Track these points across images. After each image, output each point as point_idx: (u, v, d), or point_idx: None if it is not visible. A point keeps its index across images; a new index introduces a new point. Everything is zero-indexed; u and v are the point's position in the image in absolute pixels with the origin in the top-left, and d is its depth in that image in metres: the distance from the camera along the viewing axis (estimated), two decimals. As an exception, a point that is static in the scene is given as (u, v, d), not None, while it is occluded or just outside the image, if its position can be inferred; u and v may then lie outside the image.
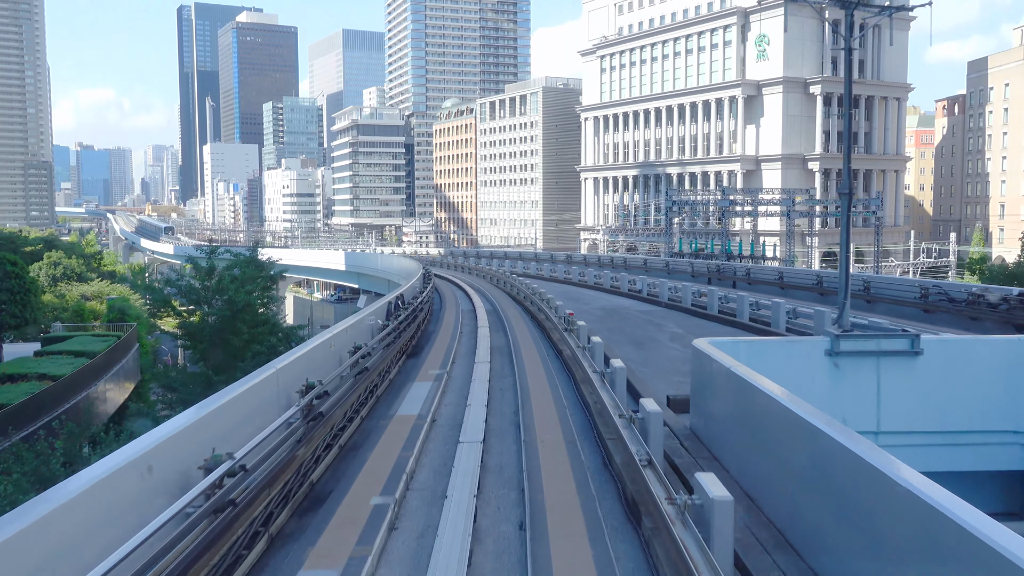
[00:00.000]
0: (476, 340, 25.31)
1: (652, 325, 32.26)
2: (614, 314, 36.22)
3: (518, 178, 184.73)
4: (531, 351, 24.27)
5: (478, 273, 62.58)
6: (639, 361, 23.04)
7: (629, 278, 46.12)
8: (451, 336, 27.98)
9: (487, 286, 49.92)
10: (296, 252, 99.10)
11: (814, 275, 43.27)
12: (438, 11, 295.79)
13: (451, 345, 25.50)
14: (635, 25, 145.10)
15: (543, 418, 15.20)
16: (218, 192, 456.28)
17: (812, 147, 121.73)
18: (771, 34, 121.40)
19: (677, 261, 58.44)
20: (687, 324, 32.23)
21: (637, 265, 63.19)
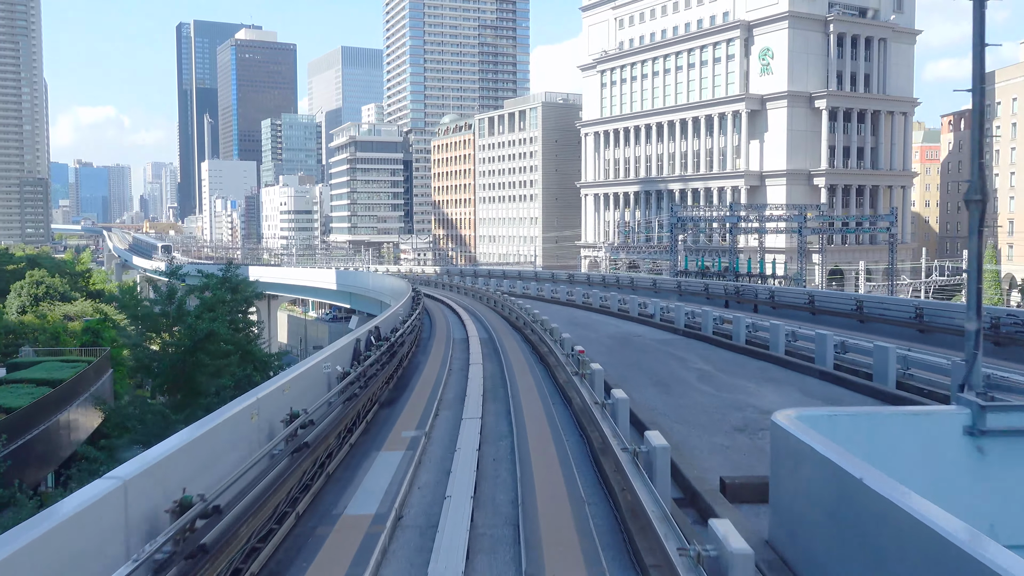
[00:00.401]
0: (467, 381, 21.68)
1: (673, 359, 28.06)
2: (626, 344, 32.43)
3: (517, 194, 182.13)
4: (533, 398, 20.29)
5: (474, 295, 59.32)
6: (668, 411, 19.25)
7: (639, 301, 42.44)
8: (438, 374, 24.23)
9: (483, 310, 46.99)
10: (286, 270, 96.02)
11: (851, 299, 37.63)
12: (436, 27, 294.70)
13: (437, 388, 21.63)
14: (636, 39, 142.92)
15: (552, 519, 10.79)
16: (216, 209, 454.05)
17: (817, 163, 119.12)
18: (775, 48, 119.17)
19: (690, 282, 54.72)
20: (713, 358, 28.18)
21: (646, 286, 59.56)
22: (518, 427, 16.73)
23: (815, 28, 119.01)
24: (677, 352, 29.57)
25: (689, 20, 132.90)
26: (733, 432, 16.88)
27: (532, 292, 60.99)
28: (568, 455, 14.34)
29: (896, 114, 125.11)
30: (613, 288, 61.59)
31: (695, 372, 24.83)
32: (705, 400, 20.54)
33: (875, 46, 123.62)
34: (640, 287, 59.97)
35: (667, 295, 52.09)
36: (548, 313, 41.30)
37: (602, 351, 29.10)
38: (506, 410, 19.00)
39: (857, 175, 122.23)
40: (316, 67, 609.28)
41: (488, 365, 25.27)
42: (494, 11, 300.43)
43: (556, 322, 34.14)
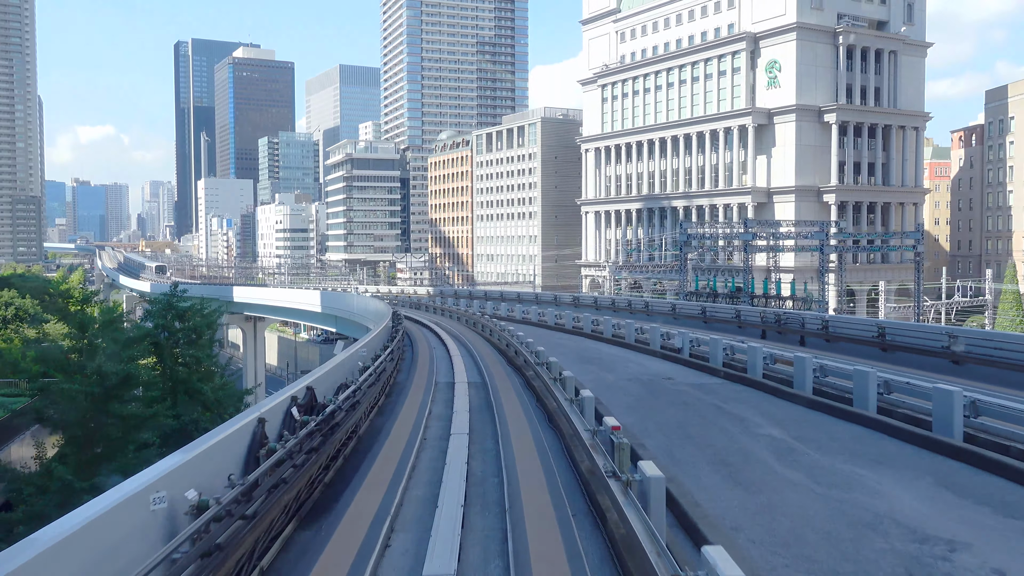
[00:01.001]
0: (444, 470, 13.87)
1: (726, 417, 20.94)
2: (657, 392, 25.39)
3: (516, 212, 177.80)
4: (545, 512, 12.67)
5: (467, 320, 53.22)
6: (756, 527, 12.17)
7: (662, 331, 35.01)
8: (403, 458, 16.43)
9: (477, 341, 41.21)
10: (269, 291, 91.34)
11: (942, 333, 27.81)
12: (434, 44, 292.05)
13: (395, 491, 13.82)
14: (638, 53, 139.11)
15: None
16: (212, 228, 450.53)
17: (827, 178, 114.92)
18: (782, 60, 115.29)
19: (718, 308, 47.19)
20: (780, 416, 20.94)
21: (663, 311, 52.63)
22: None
23: (824, 40, 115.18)
24: (727, 406, 22.60)
25: (693, 32, 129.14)
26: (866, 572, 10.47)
27: (533, 317, 55.42)
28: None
29: (908, 129, 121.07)
30: (625, 313, 55.95)
31: (765, 442, 17.94)
32: (807, 502, 13.46)
33: (885, 59, 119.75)
34: (656, 312, 53.56)
35: (688, 322, 46.45)
36: (553, 344, 36.79)
37: (628, 403, 23.00)
38: (502, 544, 11.40)
39: (868, 191, 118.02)
40: (314, 85, 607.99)
41: (477, 445, 17.75)
42: (492, 28, 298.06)
43: (564, 357, 29.60)
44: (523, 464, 15.91)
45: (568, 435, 16.80)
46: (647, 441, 17.65)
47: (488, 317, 46.33)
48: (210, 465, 10.65)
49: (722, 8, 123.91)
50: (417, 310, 72.09)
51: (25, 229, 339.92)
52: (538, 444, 17.82)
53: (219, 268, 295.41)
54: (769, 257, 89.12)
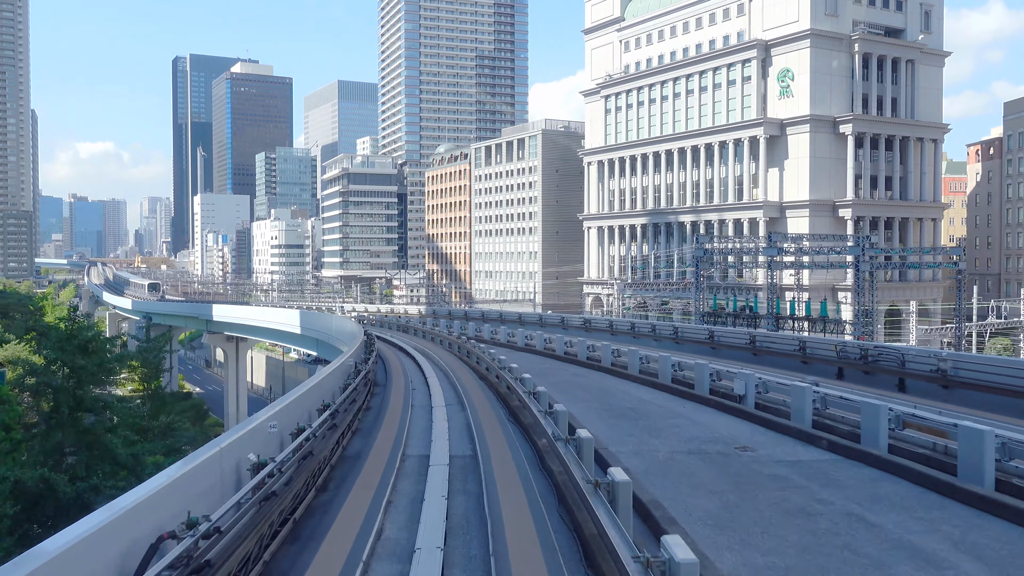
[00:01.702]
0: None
1: (893, 549, 12.27)
2: (744, 481, 16.28)
3: (516, 227, 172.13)
4: None
5: (459, 350, 44.13)
6: None
7: (710, 369, 27.02)
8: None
9: (469, 380, 32.43)
10: (248, 310, 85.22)
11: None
12: (433, 58, 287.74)
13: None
14: (643, 62, 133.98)
15: None
16: (207, 243, 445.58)
17: (842, 192, 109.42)
18: (795, 69, 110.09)
19: (772, 338, 38.15)
20: (978, 543, 12.57)
21: (695, 338, 43.94)
22: None
23: (838, 48, 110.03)
24: (873, 516, 13.78)
25: (701, 41, 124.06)
26: None
27: (538, 344, 47.10)
28: None
29: (926, 141, 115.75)
30: (648, 340, 47.74)
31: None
32: None
33: (902, 68, 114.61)
34: (688, 339, 44.72)
35: (733, 355, 38.57)
36: (566, 384, 30.87)
37: (705, 507, 14.26)
38: None
39: (885, 206, 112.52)
40: (312, 101, 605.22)
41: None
42: (491, 42, 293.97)
43: (584, 407, 24.06)
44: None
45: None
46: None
47: (485, 347, 38.85)
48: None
49: (731, 15, 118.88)
50: (404, 334, 65.31)
51: (16, 244, 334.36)
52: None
53: (213, 285, 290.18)
54: (792, 275, 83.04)
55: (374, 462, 17.68)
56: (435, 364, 38.38)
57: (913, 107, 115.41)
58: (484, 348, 36.84)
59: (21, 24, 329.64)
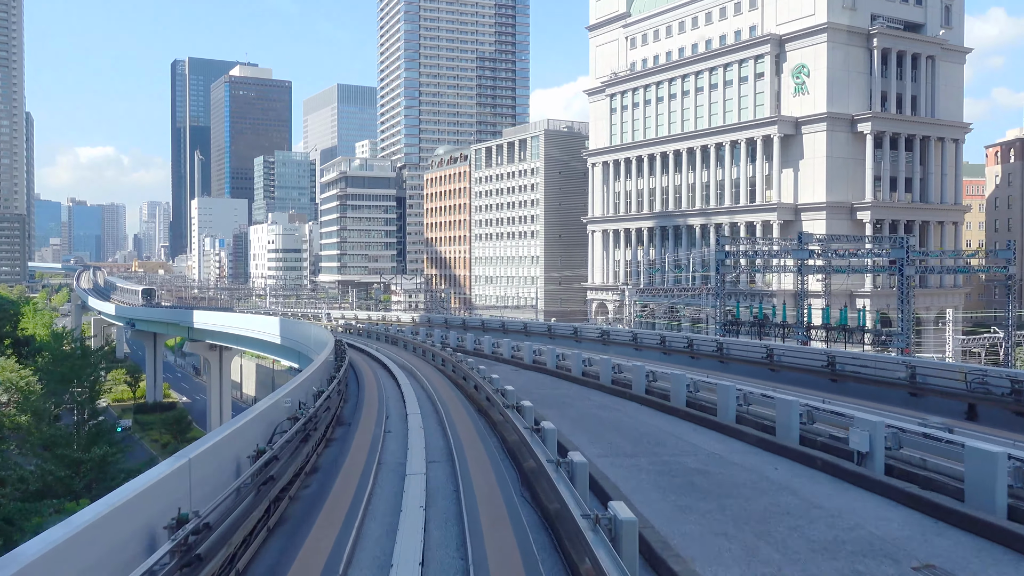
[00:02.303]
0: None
1: None
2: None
3: (517, 231, 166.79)
4: None
5: (453, 370, 35.80)
6: None
7: (801, 405, 20.53)
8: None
9: (465, 422, 24.66)
10: (226, 317, 79.57)
11: None
12: (432, 59, 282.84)
13: None
14: (650, 59, 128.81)
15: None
16: (204, 248, 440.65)
17: (861, 194, 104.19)
18: (811, 65, 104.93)
19: (863, 361, 30.43)
20: None
21: (750, 358, 36.25)
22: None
23: (856, 43, 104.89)
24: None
25: (711, 36, 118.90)
26: None
27: (549, 362, 39.48)
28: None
29: (947, 141, 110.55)
30: (683, 358, 40.58)
31: None
32: None
33: (922, 64, 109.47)
34: (736, 358, 37.12)
35: (805, 380, 31.23)
36: (595, 422, 25.06)
37: None
38: None
39: (905, 209, 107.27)
40: (311, 105, 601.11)
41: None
42: (492, 44, 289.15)
43: (632, 466, 18.24)
44: None
45: None
46: None
47: (487, 367, 33.15)
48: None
49: (743, 9, 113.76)
50: (393, 346, 58.22)
51: (9, 248, 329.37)
52: None
53: (209, 289, 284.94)
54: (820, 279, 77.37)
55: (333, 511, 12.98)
56: (423, 390, 32.37)
57: (933, 105, 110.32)
58: (484, 371, 29.78)
59: (15, 26, 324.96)
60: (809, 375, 32.58)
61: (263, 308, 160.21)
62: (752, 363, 36.45)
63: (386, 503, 15.35)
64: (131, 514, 9.25)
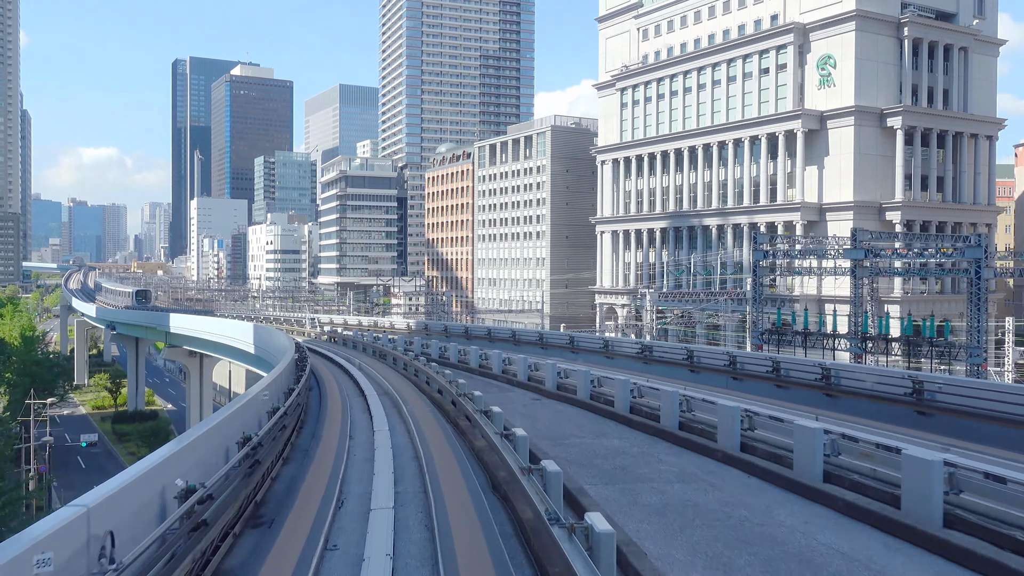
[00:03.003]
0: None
1: None
2: None
3: (522, 232, 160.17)
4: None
5: (454, 407, 26.19)
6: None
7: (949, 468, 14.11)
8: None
9: (466, 532, 13.72)
10: (199, 320, 72.88)
11: None
12: (435, 58, 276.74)
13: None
14: (663, 51, 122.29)
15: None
16: (203, 248, 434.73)
17: (891, 193, 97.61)
18: (837, 55, 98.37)
19: (959, 387, 23.92)
20: None
21: (865, 387, 27.24)
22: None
23: (886, 32, 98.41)
24: None
25: (729, 26, 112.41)
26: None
27: (580, 388, 30.16)
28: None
29: (980, 137, 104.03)
30: (745, 381, 32.67)
31: None
32: None
33: (955, 56, 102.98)
34: (793, 381, 30.41)
35: (891, 413, 24.93)
36: (704, 516, 15.46)
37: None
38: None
39: (937, 209, 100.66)
40: (313, 105, 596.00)
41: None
42: (497, 42, 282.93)
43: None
44: None
45: None
46: None
47: (494, 383, 26.55)
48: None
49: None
50: (382, 361, 48.80)
51: (3, 247, 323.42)
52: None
53: (207, 291, 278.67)
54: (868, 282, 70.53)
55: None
56: (407, 437, 23.51)
57: (966, 99, 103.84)
58: (500, 413, 19.87)
59: (11, 23, 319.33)
60: (886, 405, 26.06)
61: (256, 311, 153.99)
62: (808, 386, 29.98)
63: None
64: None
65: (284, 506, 15.59)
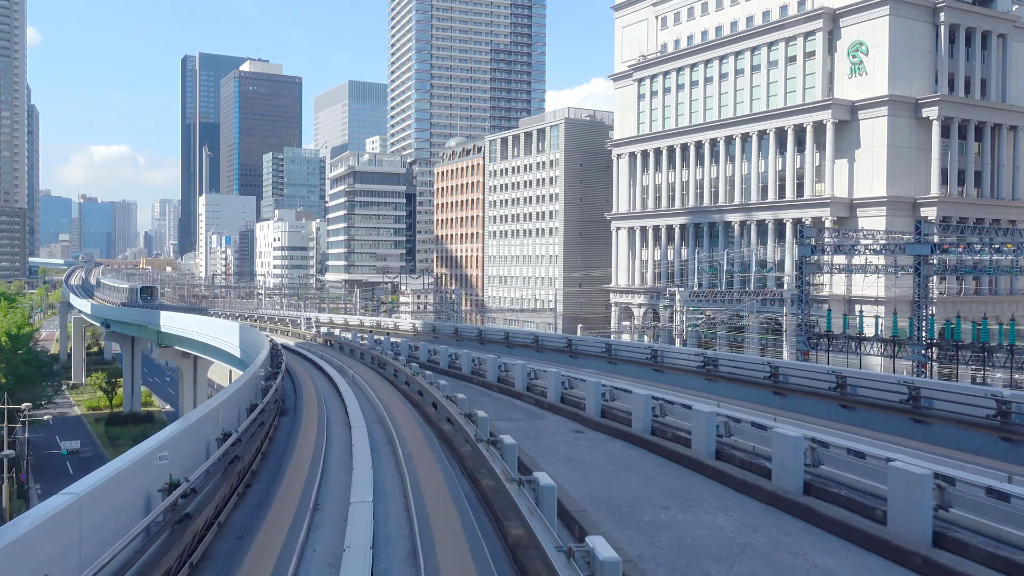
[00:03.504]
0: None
1: None
2: None
3: (534, 228, 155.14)
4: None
5: (472, 457, 18.64)
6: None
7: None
8: None
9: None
10: (192, 319, 68.18)
11: None
12: (445, 51, 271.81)
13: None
14: (683, 40, 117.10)
15: None
16: (211, 245, 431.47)
17: (925, 187, 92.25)
18: (870, 41, 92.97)
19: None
20: None
21: (888, 401, 24.73)
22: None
23: (921, 17, 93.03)
24: None
25: (753, 13, 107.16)
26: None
27: (638, 418, 23.04)
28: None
29: (1020, 129, 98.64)
30: (858, 410, 25.94)
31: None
32: None
33: (993, 43, 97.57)
34: (863, 401, 25.62)
35: (980, 441, 21.00)
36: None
37: None
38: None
39: (976, 205, 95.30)
40: (323, 102, 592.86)
41: None
42: (507, 36, 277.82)
43: None
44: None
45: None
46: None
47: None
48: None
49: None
50: (380, 371, 41.41)
51: (9, 243, 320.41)
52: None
53: (216, 288, 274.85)
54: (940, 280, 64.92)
55: None
56: (396, 473, 19.12)
57: (1004, 89, 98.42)
58: (545, 479, 12.75)
59: (17, 17, 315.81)
60: (973, 432, 21.14)
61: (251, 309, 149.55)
62: (889, 408, 24.78)
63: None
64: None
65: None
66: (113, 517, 10.67)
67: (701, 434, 19.83)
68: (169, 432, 14.10)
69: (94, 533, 9.78)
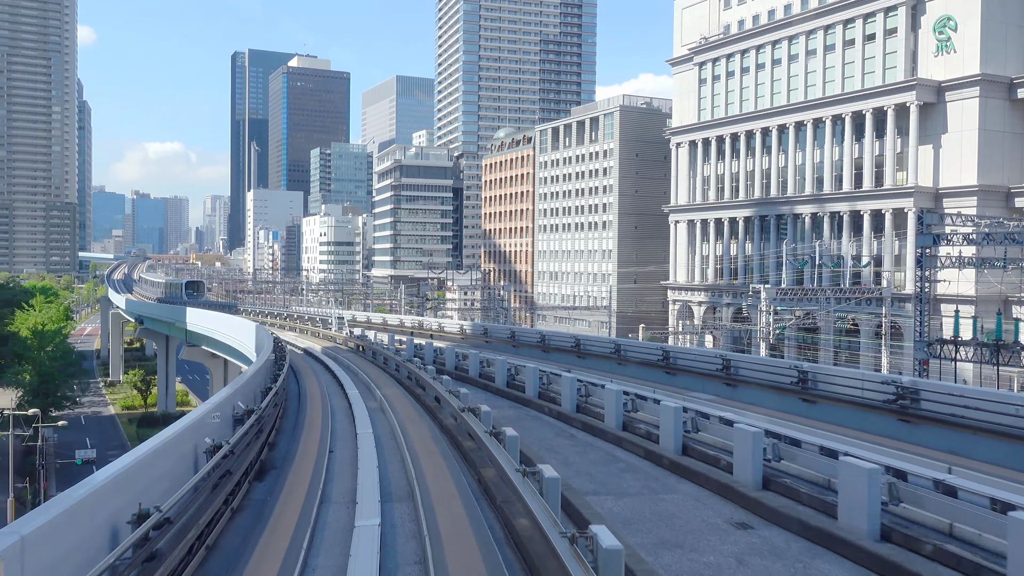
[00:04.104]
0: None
1: None
2: None
3: (586, 221, 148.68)
4: None
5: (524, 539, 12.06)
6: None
7: None
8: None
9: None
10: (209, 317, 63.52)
11: None
12: (493, 42, 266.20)
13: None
14: (748, 20, 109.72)
15: None
16: (259, 240, 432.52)
17: (1020, 176, 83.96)
18: (959, 16, 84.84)
19: None
20: None
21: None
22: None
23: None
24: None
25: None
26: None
27: (848, 506, 13.11)
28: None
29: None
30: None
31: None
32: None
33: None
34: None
35: None
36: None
37: None
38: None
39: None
40: (370, 97, 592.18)
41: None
42: (557, 26, 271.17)
43: None
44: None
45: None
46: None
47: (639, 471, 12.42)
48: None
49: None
50: (415, 400, 30.63)
51: (59, 238, 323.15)
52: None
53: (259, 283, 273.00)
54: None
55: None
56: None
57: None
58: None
59: (68, 14, 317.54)
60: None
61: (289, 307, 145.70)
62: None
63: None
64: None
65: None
66: (66, 559, 9.38)
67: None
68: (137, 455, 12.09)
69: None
